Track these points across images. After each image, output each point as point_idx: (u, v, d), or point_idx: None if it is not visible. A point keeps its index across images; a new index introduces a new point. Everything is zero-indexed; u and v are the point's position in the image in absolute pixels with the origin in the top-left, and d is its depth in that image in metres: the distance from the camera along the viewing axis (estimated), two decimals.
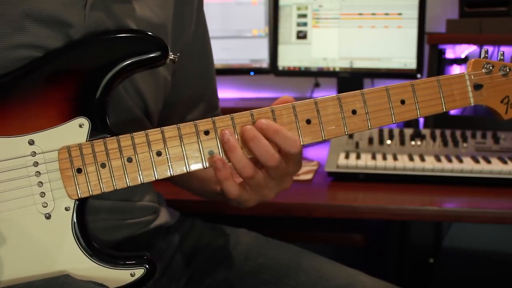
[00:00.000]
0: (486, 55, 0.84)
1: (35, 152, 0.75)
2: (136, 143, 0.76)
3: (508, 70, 0.83)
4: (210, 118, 0.77)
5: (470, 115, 1.88)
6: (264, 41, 1.94)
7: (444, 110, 0.82)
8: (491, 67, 0.83)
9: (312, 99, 0.79)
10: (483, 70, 0.83)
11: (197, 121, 0.77)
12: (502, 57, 0.85)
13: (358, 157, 1.37)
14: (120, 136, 0.76)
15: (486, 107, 0.85)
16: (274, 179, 0.80)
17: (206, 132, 0.77)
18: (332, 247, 1.90)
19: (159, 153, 0.76)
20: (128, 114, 0.88)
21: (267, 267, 0.95)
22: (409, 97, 0.81)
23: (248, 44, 1.95)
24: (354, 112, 0.80)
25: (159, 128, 0.77)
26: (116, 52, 0.77)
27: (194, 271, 0.99)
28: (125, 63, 0.77)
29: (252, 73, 1.97)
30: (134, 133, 0.76)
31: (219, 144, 0.77)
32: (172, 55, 0.79)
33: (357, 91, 0.80)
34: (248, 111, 0.78)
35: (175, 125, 0.77)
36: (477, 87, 0.83)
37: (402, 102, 0.81)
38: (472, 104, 0.83)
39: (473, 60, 0.84)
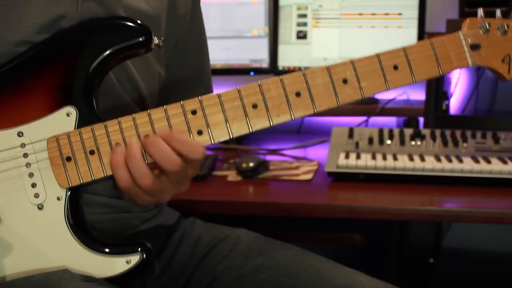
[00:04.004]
0: (482, 14, 0.80)
1: (24, 144, 0.75)
2: (124, 128, 0.75)
3: (506, 28, 0.79)
4: (197, 97, 0.76)
5: (470, 115, 1.88)
6: (264, 41, 1.94)
7: (441, 73, 0.79)
8: (487, 26, 0.78)
9: (300, 71, 0.77)
10: (480, 30, 0.79)
11: (184, 101, 0.76)
12: (500, 16, 0.80)
13: (358, 157, 1.37)
14: (107, 121, 0.76)
15: (486, 68, 0.81)
16: (173, 182, 0.78)
17: (193, 112, 0.76)
18: (332, 247, 1.90)
19: (147, 136, 0.75)
20: (121, 102, 0.88)
21: (267, 267, 0.95)
22: (402, 62, 0.78)
23: (248, 44, 1.95)
24: (345, 81, 0.77)
25: (146, 111, 0.76)
26: (99, 40, 0.77)
27: (193, 271, 0.99)
28: (109, 51, 0.77)
29: (252, 73, 1.97)
30: (121, 118, 0.76)
31: (208, 123, 0.76)
32: (157, 40, 0.78)
33: (347, 60, 0.78)
34: (236, 88, 0.77)
35: (162, 107, 0.76)
36: (474, 47, 0.78)
37: (395, 67, 0.78)
38: (471, 65, 0.79)
39: (468, 19, 0.80)
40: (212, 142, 0.77)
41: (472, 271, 2.06)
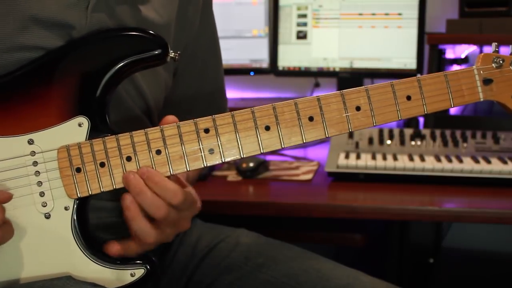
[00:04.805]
0: (497, 49, 0.81)
1: (34, 152, 0.74)
2: (135, 142, 0.75)
3: None
4: (210, 116, 0.77)
5: (470, 115, 1.88)
6: (264, 41, 1.94)
7: (452, 106, 0.80)
8: (501, 61, 0.80)
9: (315, 96, 0.78)
10: (493, 65, 0.80)
11: (197, 119, 0.76)
12: None
13: (358, 157, 1.37)
14: (119, 135, 0.76)
15: (496, 103, 0.82)
16: (169, 226, 0.78)
17: (206, 130, 0.76)
18: (332, 247, 1.90)
19: (158, 152, 0.75)
20: (129, 113, 0.88)
21: (267, 267, 0.95)
22: (415, 93, 0.78)
23: (248, 44, 1.95)
24: (358, 108, 0.78)
25: (158, 127, 0.76)
26: (116, 50, 0.77)
27: (194, 272, 0.99)
28: (125, 62, 0.76)
29: (252, 73, 1.97)
30: (133, 132, 0.76)
31: (219, 142, 0.77)
32: (173, 53, 0.78)
33: (361, 87, 0.79)
34: (249, 108, 0.77)
35: (174, 124, 0.76)
36: (486, 81, 0.80)
37: (408, 98, 0.78)
38: (482, 100, 0.80)
39: (482, 54, 0.81)
40: (222, 161, 0.77)
41: (472, 271, 2.06)
